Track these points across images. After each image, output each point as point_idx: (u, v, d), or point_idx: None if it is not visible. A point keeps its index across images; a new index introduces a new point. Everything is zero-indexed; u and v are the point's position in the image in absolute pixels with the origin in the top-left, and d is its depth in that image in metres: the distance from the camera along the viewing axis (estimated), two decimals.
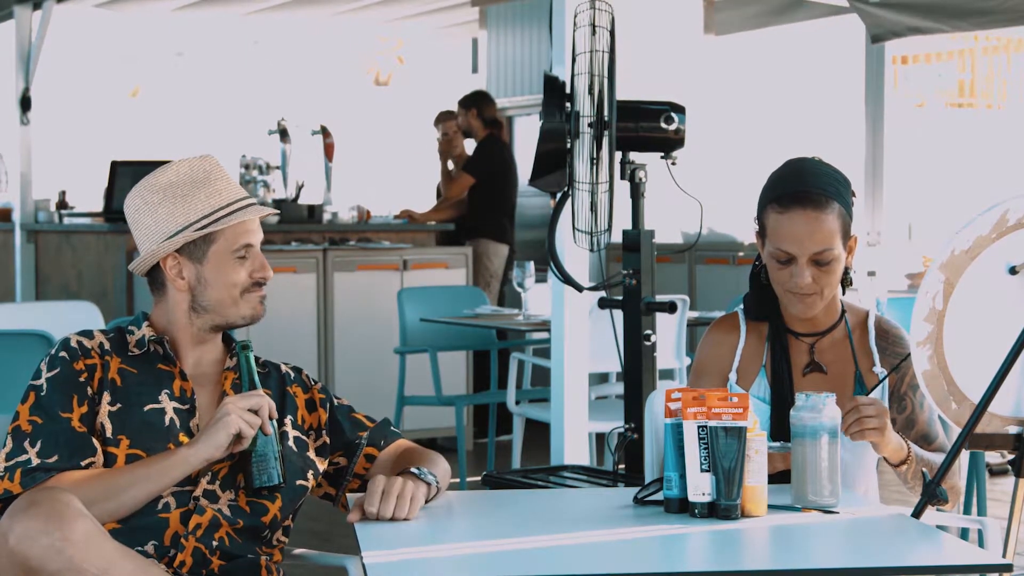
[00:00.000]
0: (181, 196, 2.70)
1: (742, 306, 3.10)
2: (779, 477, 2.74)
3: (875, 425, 2.72)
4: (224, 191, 2.73)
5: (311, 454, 2.79)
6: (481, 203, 8.24)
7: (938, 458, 2.90)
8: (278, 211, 2.84)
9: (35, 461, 2.55)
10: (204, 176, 2.72)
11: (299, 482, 2.75)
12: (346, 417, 2.85)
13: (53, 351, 2.67)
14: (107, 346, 2.70)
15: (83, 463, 2.58)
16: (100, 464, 2.60)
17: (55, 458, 2.56)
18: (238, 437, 2.60)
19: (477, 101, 8.33)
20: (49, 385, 2.63)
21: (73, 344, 2.68)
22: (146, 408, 2.65)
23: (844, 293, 3.04)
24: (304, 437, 2.79)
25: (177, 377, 2.71)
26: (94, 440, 2.60)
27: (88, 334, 2.71)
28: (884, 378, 2.98)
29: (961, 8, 7.31)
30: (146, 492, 2.57)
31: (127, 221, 2.77)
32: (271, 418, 2.64)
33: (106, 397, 2.63)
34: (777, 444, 2.78)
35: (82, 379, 2.63)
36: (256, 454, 2.63)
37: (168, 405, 2.67)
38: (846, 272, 2.98)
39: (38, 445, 2.57)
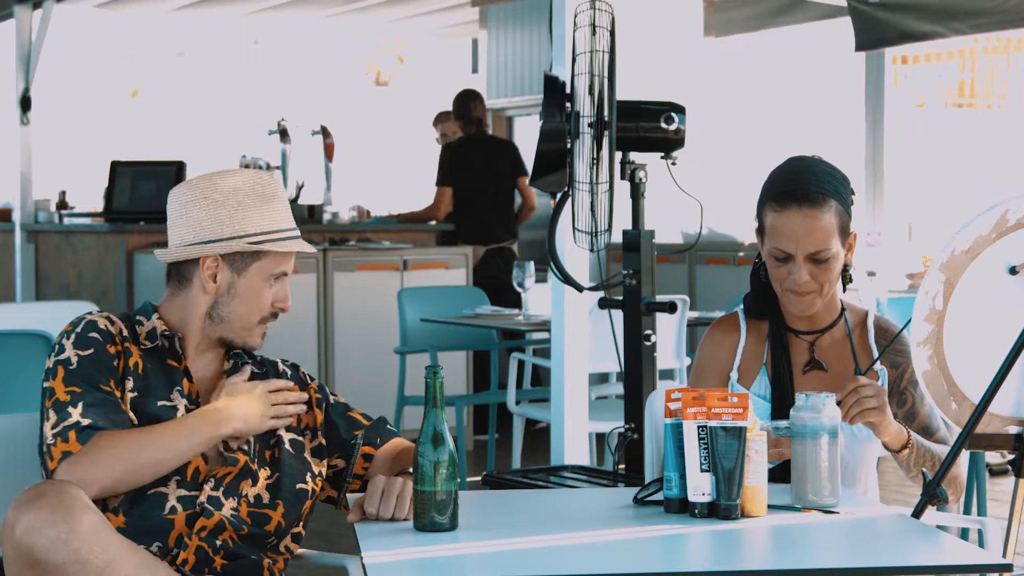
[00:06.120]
0: (243, 205, 2.69)
1: (742, 306, 3.09)
2: (782, 476, 2.74)
3: (874, 405, 2.72)
4: (283, 215, 2.74)
5: (307, 455, 2.78)
6: (455, 208, 8.22)
7: (941, 449, 2.90)
8: (315, 251, 2.87)
9: (84, 421, 2.54)
10: (270, 194, 2.73)
11: (299, 486, 2.74)
12: (341, 416, 2.84)
13: (79, 329, 2.65)
14: (125, 333, 2.69)
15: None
16: None
17: (101, 422, 2.55)
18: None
19: (463, 104, 8.24)
20: (81, 361, 2.61)
21: (102, 326, 2.66)
22: (159, 403, 2.65)
23: (844, 291, 3.03)
24: (300, 438, 2.78)
25: (184, 376, 2.71)
26: (130, 414, 2.61)
27: (109, 319, 2.70)
28: (876, 359, 2.98)
29: (959, 9, 7.29)
30: (173, 450, 2.58)
31: (168, 208, 2.75)
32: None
33: (128, 383, 2.63)
34: (783, 424, 2.70)
35: (115, 363, 2.63)
36: (425, 493, 2.42)
37: (180, 403, 2.67)
38: (845, 269, 2.98)
39: (80, 407, 2.56)
